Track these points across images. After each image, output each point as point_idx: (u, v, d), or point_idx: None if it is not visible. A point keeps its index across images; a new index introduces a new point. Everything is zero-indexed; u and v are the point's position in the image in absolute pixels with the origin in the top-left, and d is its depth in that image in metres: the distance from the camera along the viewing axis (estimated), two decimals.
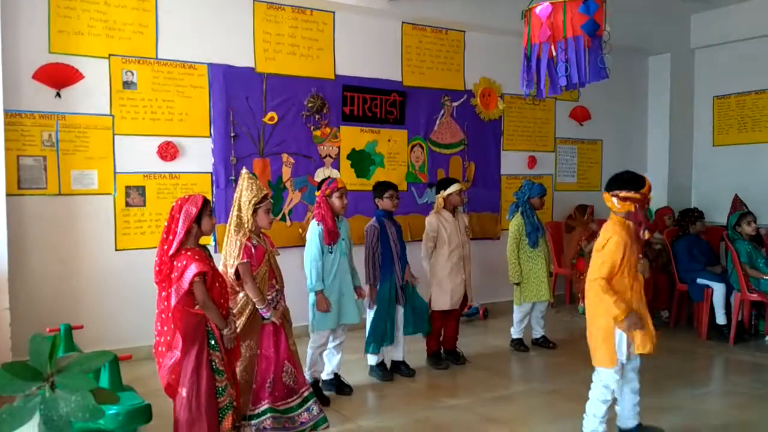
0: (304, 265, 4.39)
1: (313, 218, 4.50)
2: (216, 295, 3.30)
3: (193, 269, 3.17)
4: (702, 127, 8.60)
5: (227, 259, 3.69)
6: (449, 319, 5.31)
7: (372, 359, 4.97)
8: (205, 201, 3.37)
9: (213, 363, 3.32)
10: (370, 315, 4.88)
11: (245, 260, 3.66)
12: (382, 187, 4.98)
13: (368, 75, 6.54)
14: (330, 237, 4.39)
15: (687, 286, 6.45)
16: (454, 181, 5.29)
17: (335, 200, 4.45)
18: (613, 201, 3.53)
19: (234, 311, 3.66)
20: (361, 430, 3.92)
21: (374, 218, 4.94)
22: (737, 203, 6.46)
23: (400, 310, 4.93)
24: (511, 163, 7.60)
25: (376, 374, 4.95)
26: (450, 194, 5.20)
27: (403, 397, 4.54)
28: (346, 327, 4.60)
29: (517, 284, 5.64)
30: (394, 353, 5.03)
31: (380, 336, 4.84)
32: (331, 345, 4.56)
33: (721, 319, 6.16)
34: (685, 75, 8.60)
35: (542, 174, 7.75)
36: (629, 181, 3.55)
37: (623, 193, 3.49)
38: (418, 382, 4.88)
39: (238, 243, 3.68)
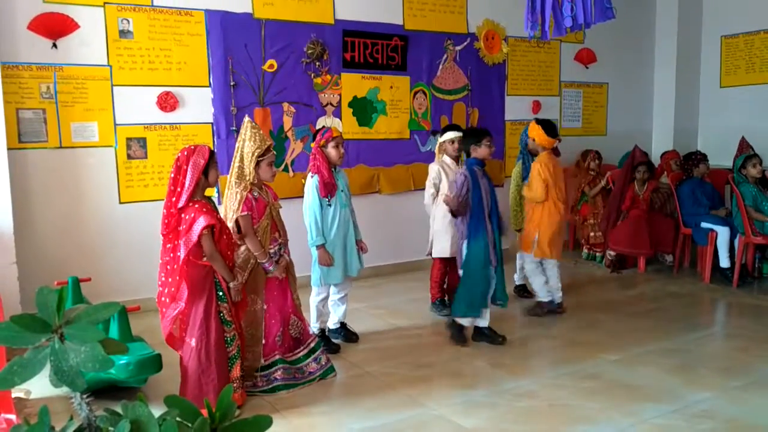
0: (304, 220, 4.32)
1: (309, 170, 4.36)
2: (223, 247, 3.33)
3: (201, 222, 3.17)
4: (709, 68, 8.45)
5: (227, 211, 3.65)
6: (453, 266, 5.32)
7: (464, 321, 4.53)
8: (212, 151, 3.36)
9: (221, 314, 3.37)
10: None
11: (245, 213, 3.61)
12: (478, 134, 4.49)
13: (368, 19, 6.39)
14: (326, 189, 4.23)
15: (691, 230, 6.46)
16: (450, 129, 5.20)
17: (331, 150, 4.27)
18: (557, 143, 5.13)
19: (237, 264, 3.67)
20: (368, 376, 3.99)
21: (464, 166, 4.47)
22: (743, 145, 6.41)
23: (492, 274, 4.44)
24: (516, 108, 7.50)
25: (456, 336, 4.54)
26: (443, 142, 5.14)
27: (408, 345, 4.59)
28: (350, 278, 4.58)
29: (519, 231, 5.64)
30: (480, 320, 4.52)
31: (476, 301, 4.39)
32: (336, 297, 4.55)
33: (724, 262, 6.18)
34: (692, 14, 8.39)
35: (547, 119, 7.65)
36: None
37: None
38: (422, 330, 4.93)
39: (239, 196, 3.61)
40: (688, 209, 6.45)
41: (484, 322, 4.50)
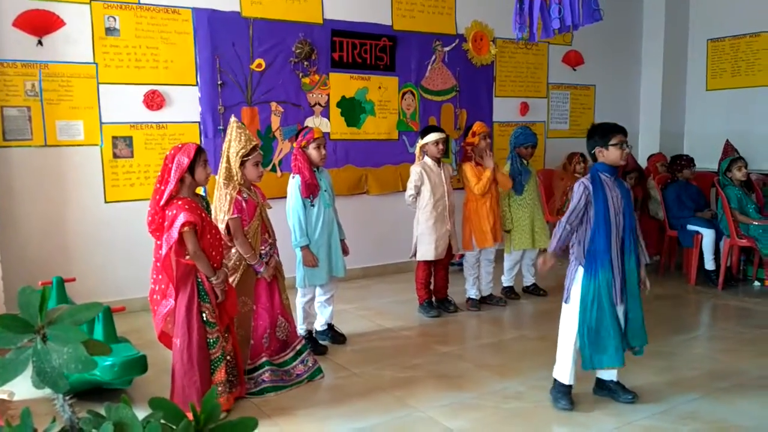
0: (287, 220, 4.31)
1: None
2: (206, 246, 3.28)
3: (181, 218, 3.14)
4: (695, 71, 8.52)
5: (217, 213, 3.61)
6: (438, 268, 5.33)
7: (570, 379, 3.50)
8: (199, 150, 3.29)
9: (203, 314, 3.31)
10: (568, 315, 3.47)
11: (236, 215, 3.60)
12: (605, 130, 3.41)
13: (357, 19, 6.38)
14: (308, 190, 4.21)
15: (677, 233, 6.50)
16: (432, 130, 5.18)
17: (312, 151, 4.25)
18: None
19: (228, 266, 3.63)
20: (356, 378, 3.98)
21: (589, 174, 3.46)
22: (728, 149, 6.46)
23: (619, 313, 3.40)
24: (504, 109, 7.52)
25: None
26: (426, 144, 5.13)
27: (395, 346, 4.59)
28: (336, 279, 4.56)
29: (507, 231, 5.65)
30: (604, 371, 3.56)
31: (600, 349, 3.37)
32: (322, 298, 4.53)
33: (709, 264, 6.22)
34: (679, 17, 8.46)
35: (535, 121, 7.70)
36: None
37: None
38: (410, 331, 4.93)
39: (228, 197, 3.59)
40: (674, 212, 6.50)
41: (608, 374, 3.60)
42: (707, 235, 6.20)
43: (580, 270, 3.40)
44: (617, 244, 3.35)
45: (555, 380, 3.57)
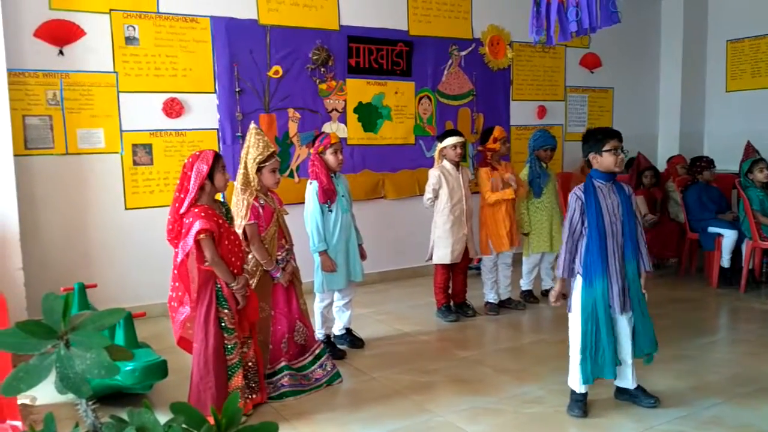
0: (305, 226, 4.32)
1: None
2: (224, 252, 3.30)
3: (197, 226, 3.17)
4: (715, 72, 8.43)
5: (235, 218, 3.64)
6: (456, 273, 5.31)
7: (582, 387, 3.43)
8: (217, 156, 3.32)
9: (222, 321, 3.33)
10: (572, 324, 3.46)
11: (252, 221, 3.62)
12: (599, 136, 3.33)
13: (373, 25, 6.40)
14: (326, 195, 4.23)
15: (698, 235, 6.43)
16: (450, 134, 5.18)
17: (329, 156, 4.27)
18: None
19: (246, 270, 3.65)
20: (374, 382, 3.97)
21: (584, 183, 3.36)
22: (750, 150, 6.37)
23: (623, 322, 3.37)
24: (521, 113, 7.50)
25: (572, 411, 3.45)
26: (444, 148, 5.13)
27: (414, 350, 4.58)
28: (354, 284, 4.57)
29: (526, 234, 5.63)
30: (620, 380, 3.51)
31: (597, 360, 3.33)
32: (340, 303, 4.54)
33: (726, 262, 6.15)
34: (698, 19, 8.39)
35: (552, 124, 7.66)
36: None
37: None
38: (428, 335, 4.92)
39: (245, 202, 3.62)
40: (695, 214, 6.42)
41: (625, 382, 3.51)
42: (728, 236, 6.13)
43: (579, 279, 3.36)
44: (615, 251, 3.29)
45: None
